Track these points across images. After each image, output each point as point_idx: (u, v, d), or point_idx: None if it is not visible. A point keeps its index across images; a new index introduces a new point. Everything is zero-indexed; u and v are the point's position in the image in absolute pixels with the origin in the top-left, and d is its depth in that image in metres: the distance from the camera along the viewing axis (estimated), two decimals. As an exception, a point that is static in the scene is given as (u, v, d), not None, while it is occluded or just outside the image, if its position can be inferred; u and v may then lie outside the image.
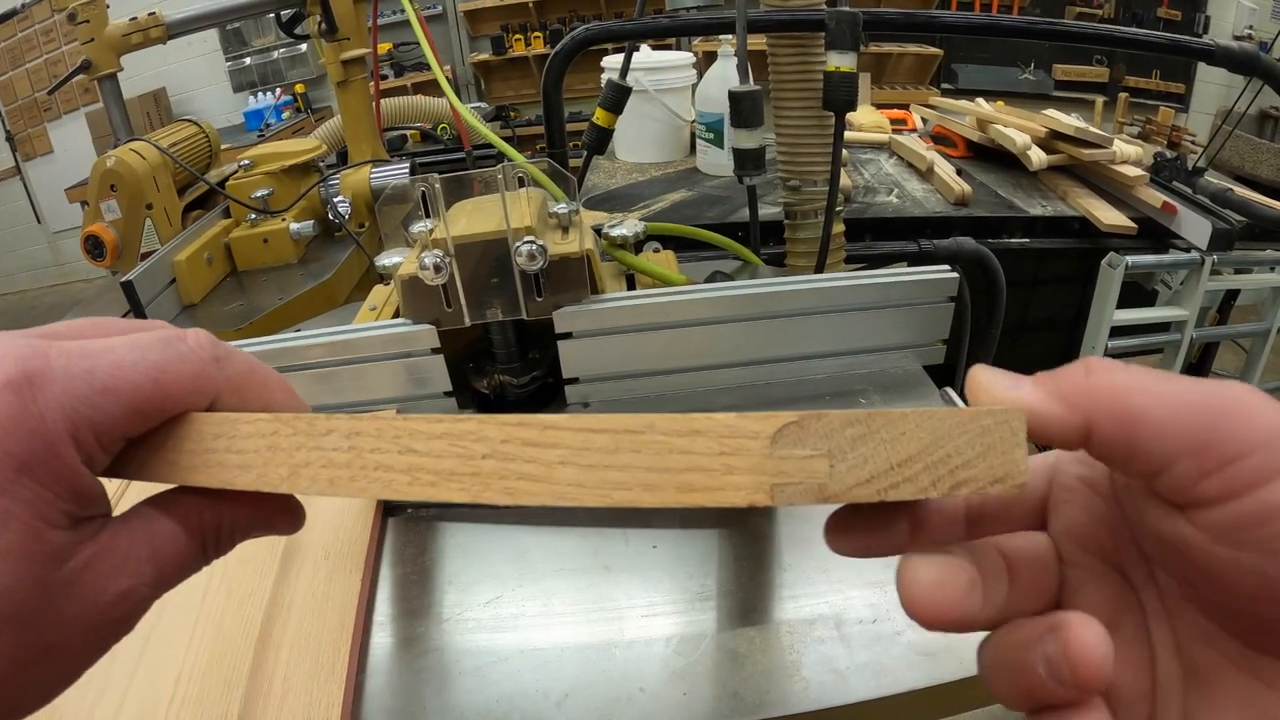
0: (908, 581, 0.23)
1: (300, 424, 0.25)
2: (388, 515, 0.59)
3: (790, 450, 0.21)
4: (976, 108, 1.94)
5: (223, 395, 0.27)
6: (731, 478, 0.22)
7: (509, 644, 0.48)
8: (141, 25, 1.51)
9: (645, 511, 0.58)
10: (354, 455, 0.24)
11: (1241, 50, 1.11)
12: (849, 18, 0.85)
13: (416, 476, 0.24)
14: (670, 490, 0.22)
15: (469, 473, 0.23)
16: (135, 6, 1.56)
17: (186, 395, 0.25)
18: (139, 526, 0.25)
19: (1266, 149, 3.87)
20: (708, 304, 0.67)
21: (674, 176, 1.77)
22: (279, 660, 0.46)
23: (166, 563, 0.25)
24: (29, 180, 5.06)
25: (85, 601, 0.23)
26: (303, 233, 1.37)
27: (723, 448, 0.22)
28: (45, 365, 0.23)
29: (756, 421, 0.22)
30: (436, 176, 0.62)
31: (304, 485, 0.25)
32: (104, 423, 0.23)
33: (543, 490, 0.23)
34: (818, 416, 0.22)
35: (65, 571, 0.23)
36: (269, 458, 0.25)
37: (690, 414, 0.22)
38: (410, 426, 0.24)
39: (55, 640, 0.23)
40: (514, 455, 0.23)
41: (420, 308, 0.65)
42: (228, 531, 0.27)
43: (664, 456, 0.22)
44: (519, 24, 5.06)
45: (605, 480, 0.22)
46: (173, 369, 0.25)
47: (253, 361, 0.28)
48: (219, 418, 0.26)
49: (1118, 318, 1.41)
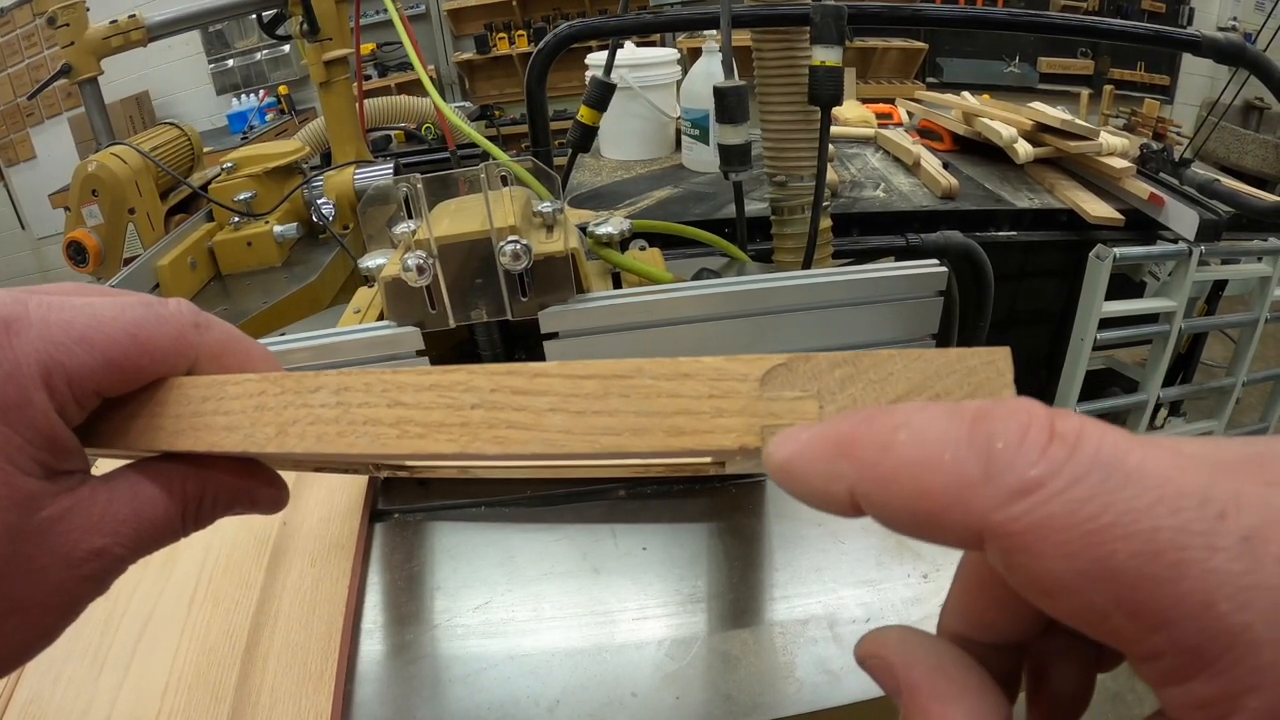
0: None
1: (288, 382, 0.25)
2: (374, 520, 0.59)
3: (779, 392, 0.21)
4: (962, 101, 1.94)
5: (202, 361, 0.27)
6: (721, 420, 0.22)
7: (499, 650, 0.48)
8: (122, 28, 1.49)
9: (634, 507, 0.58)
10: (342, 411, 0.24)
11: (1228, 41, 1.11)
12: (834, 12, 0.84)
13: (405, 429, 0.24)
14: (659, 434, 0.22)
15: (458, 423, 0.23)
16: (116, 9, 1.55)
17: (165, 356, 0.25)
18: (122, 487, 0.25)
19: (1252, 139, 3.90)
20: (695, 302, 0.66)
21: (660, 173, 1.77)
22: (266, 670, 0.45)
23: (145, 526, 0.25)
24: (12, 186, 5.01)
25: (56, 554, 0.23)
26: (286, 235, 1.36)
27: (712, 390, 0.22)
28: (23, 312, 0.23)
29: (745, 364, 0.22)
30: (419, 177, 0.61)
31: (292, 443, 0.24)
32: (78, 372, 0.23)
33: (532, 438, 0.23)
34: (806, 359, 0.21)
35: (36, 520, 0.23)
36: (256, 418, 0.25)
37: (679, 358, 0.22)
38: (399, 379, 0.24)
39: (24, 592, 0.23)
40: (503, 404, 0.23)
41: (404, 310, 0.64)
42: (210, 503, 0.27)
43: (653, 400, 0.22)
44: (502, 22, 5.06)
45: (594, 426, 0.22)
46: (151, 327, 0.25)
47: (233, 330, 0.28)
48: (206, 380, 0.26)
49: (1106, 309, 1.41)
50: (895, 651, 0.21)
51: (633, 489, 0.59)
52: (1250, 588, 0.14)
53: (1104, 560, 0.15)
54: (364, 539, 0.56)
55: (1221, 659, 0.14)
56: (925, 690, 0.20)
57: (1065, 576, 0.15)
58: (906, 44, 4.39)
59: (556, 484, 0.60)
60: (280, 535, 0.55)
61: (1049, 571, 0.15)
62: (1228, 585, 0.14)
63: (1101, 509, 0.15)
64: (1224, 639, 0.14)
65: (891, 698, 0.21)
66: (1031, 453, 0.16)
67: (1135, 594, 0.14)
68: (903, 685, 0.20)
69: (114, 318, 0.24)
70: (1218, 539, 0.14)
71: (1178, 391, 1.62)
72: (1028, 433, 0.16)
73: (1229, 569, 0.14)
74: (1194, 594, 0.14)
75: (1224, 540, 0.14)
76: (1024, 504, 0.15)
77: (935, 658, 0.21)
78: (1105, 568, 0.15)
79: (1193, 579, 0.14)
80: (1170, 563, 0.14)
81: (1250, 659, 0.14)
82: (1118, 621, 0.15)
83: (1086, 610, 0.15)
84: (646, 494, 0.59)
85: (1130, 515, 0.15)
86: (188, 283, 1.26)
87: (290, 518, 0.56)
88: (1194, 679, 0.14)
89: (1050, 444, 0.16)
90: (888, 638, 0.21)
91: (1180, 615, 0.14)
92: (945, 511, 0.16)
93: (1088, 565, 0.15)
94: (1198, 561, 0.14)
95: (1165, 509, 0.14)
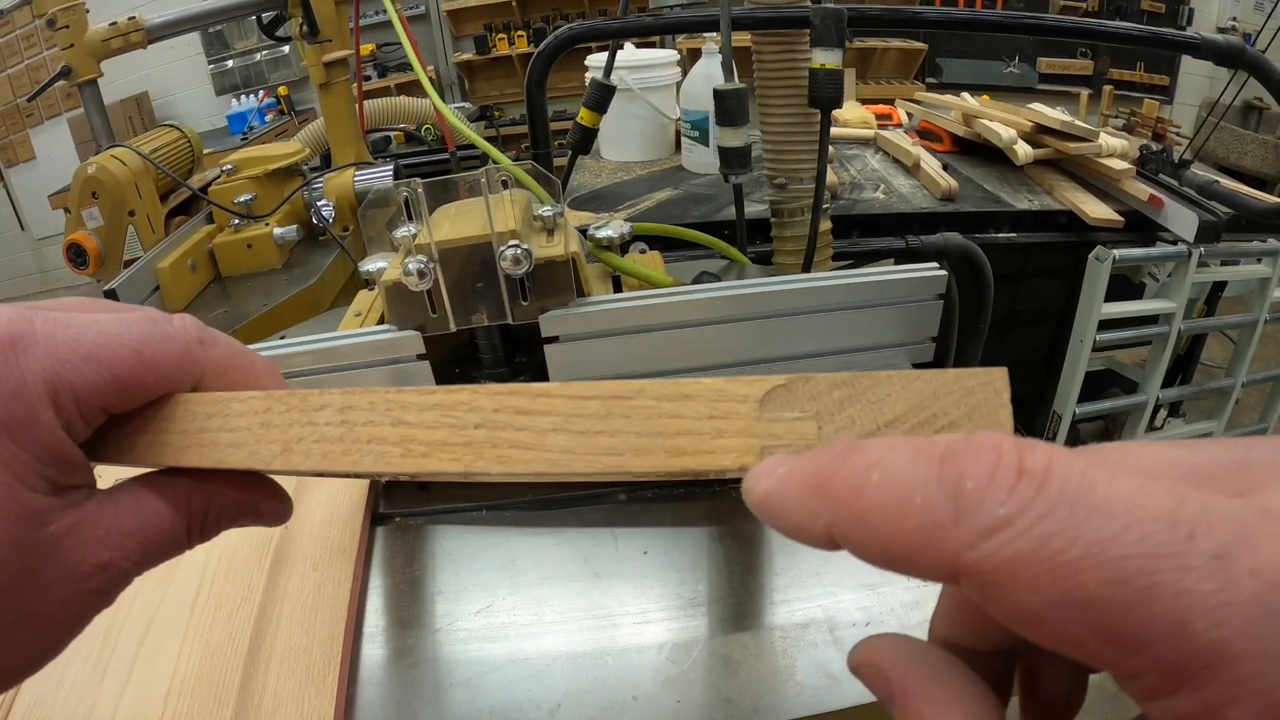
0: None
1: (293, 400, 0.25)
2: (375, 524, 0.59)
3: (779, 413, 0.22)
4: (962, 102, 1.94)
5: (207, 377, 0.27)
6: (721, 441, 0.22)
7: (500, 654, 0.48)
8: (121, 30, 1.49)
9: (634, 511, 0.58)
10: (346, 429, 0.24)
11: (1228, 42, 1.11)
12: (834, 14, 0.85)
13: (409, 448, 0.24)
14: (661, 454, 0.22)
15: (461, 442, 0.23)
16: (116, 10, 1.55)
17: (170, 373, 0.26)
18: (127, 502, 0.25)
19: (1251, 140, 3.90)
20: (695, 305, 0.66)
21: (659, 175, 1.77)
22: (269, 674, 0.45)
23: (151, 540, 0.25)
24: (12, 187, 5.01)
25: (63, 568, 0.23)
26: (286, 237, 1.36)
27: (712, 411, 0.22)
28: (29, 329, 0.23)
29: (745, 385, 0.22)
30: (419, 181, 0.61)
31: (297, 461, 0.25)
32: (85, 390, 0.24)
33: (534, 458, 0.23)
34: (805, 380, 0.22)
35: (43, 536, 0.23)
36: (261, 435, 0.25)
37: (680, 379, 0.22)
38: (403, 399, 0.24)
39: (31, 606, 0.23)
40: (506, 424, 0.23)
41: (405, 313, 0.64)
42: (214, 516, 0.27)
43: (654, 421, 0.22)
44: (502, 23, 5.06)
45: (596, 446, 0.23)
46: (156, 344, 0.25)
47: (239, 346, 0.28)
48: (211, 397, 0.26)
49: (1105, 311, 1.41)
50: (889, 659, 0.21)
51: (633, 493, 0.59)
52: (1224, 604, 0.14)
53: (1074, 592, 0.15)
54: (365, 543, 0.56)
55: (1200, 674, 0.14)
56: (919, 697, 0.20)
57: (1039, 608, 0.15)
58: (906, 44, 4.38)
59: (557, 488, 0.60)
60: (282, 539, 0.55)
61: (1022, 604, 0.16)
62: (1201, 605, 0.14)
63: (1069, 543, 0.15)
64: (1201, 656, 0.14)
65: (886, 705, 0.21)
66: (1000, 491, 0.16)
67: (1108, 620, 0.15)
68: (896, 693, 0.21)
69: (120, 334, 0.25)
70: (1188, 559, 0.14)
71: (1177, 392, 1.62)
72: (996, 471, 0.16)
73: (1201, 588, 0.14)
74: (1167, 615, 0.14)
75: (1195, 560, 0.14)
76: (993, 542, 0.16)
77: (928, 665, 0.21)
78: (1076, 599, 0.15)
79: (1165, 601, 0.14)
80: (1141, 587, 0.14)
81: (1229, 673, 0.14)
82: (1095, 646, 0.15)
83: (1063, 637, 0.16)
84: (647, 498, 0.59)
85: (1098, 545, 0.15)
86: (188, 285, 1.26)
87: (292, 522, 0.56)
88: (1175, 694, 0.15)
89: (1019, 481, 0.16)
90: (881, 645, 0.22)
91: (1155, 637, 0.14)
92: (919, 551, 0.17)
93: (1060, 597, 0.15)
94: (1170, 584, 0.14)
95: (1133, 535, 0.15)
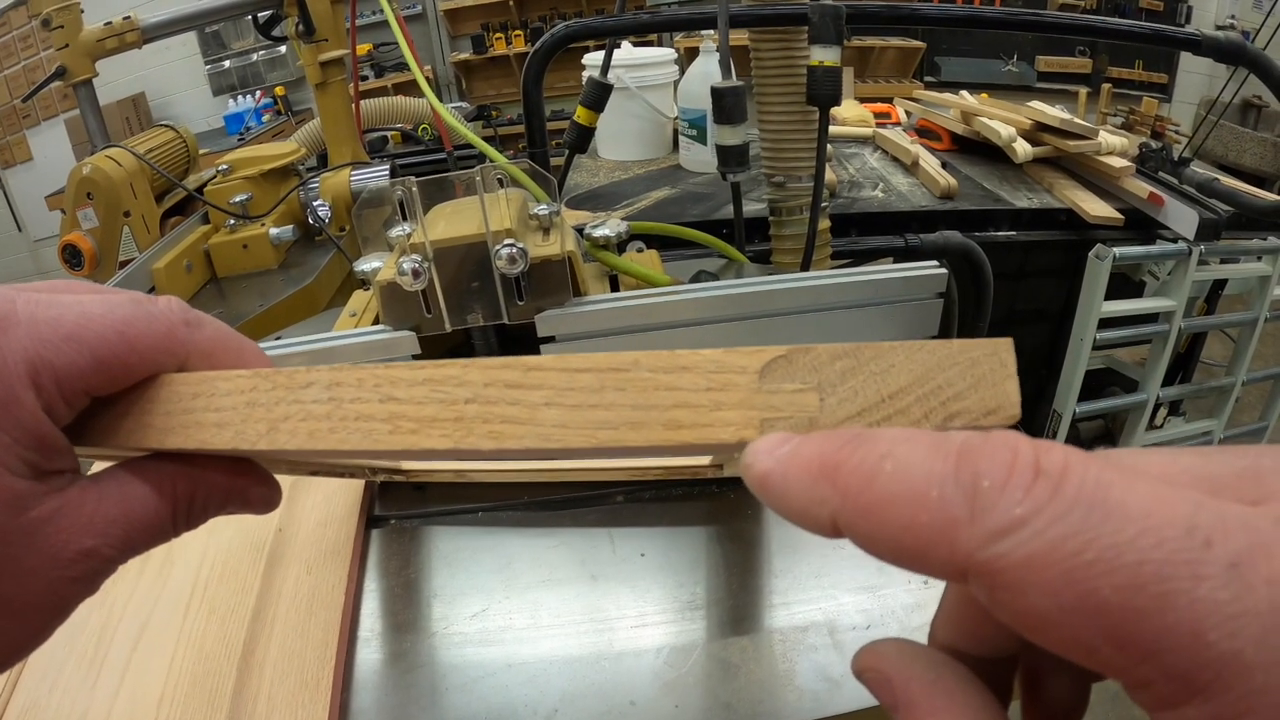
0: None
1: (280, 378, 0.24)
2: (371, 526, 0.58)
3: (779, 384, 0.21)
4: (960, 100, 1.93)
5: (193, 360, 0.26)
6: (720, 413, 0.21)
7: (497, 658, 0.47)
8: (116, 30, 1.48)
9: (632, 512, 0.57)
10: (334, 406, 0.24)
11: (1228, 40, 1.11)
12: (832, 11, 0.84)
13: (398, 425, 0.23)
14: (657, 428, 0.21)
15: (452, 418, 0.23)
16: (111, 10, 1.54)
17: (154, 354, 0.25)
18: (112, 487, 0.25)
19: (1250, 138, 3.90)
20: (693, 305, 0.66)
21: (657, 174, 1.76)
22: (263, 678, 0.45)
23: (136, 527, 0.25)
24: (9, 188, 5.01)
25: (45, 555, 0.23)
26: (282, 238, 1.35)
27: (710, 383, 0.21)
28: (10, 309, 0.23)
29: (744, 356, 0.21)
30: (414, 180, 0.61)
31: (283, 440, 0.24)
32: (66, 371, 0.23)
33: (527, 433, 0.22)
34: (806, 350, 0.21)
35: (24, 521, 0.23)
36: (247, 414, 0.24)
37: (676, 350, 0.22)
38: (391, 374, 0.23)
39: (12, 593, 0.23)
40: (497, 398, 0.22)
41: (400, 313, 0.64)
42: (201, 502, 0.27)
43: (650, 394, 0.22)
44: (499, 22, 5.05)
45: (590, 420, 0.22)
46: (140, 325, 0.25)
47: (225, 328, 0.28)
48: (196, 377, 0.25)
49: (1105, 309, 1.41)
50: (893, 665, 0.21)
51: (631, 494, 0.59)
52: (1239, 615, 0.14)
53: (1088, 596, 0.15)
54: (360, 545, 0.56)
55: (1212, 685, 0.14)
56: (923, 706, 0.20)
57: (1050, 612, 0.15)
58: (904, 43, 4.39)
59: (554, 489, 0.59)
60: (276, 541, 0.54)
61: (1033, 607, 0.15)
62: (1216, 614, 0.14)
63: (1084, 545, 0.15)
64: (1214, 666, 0.14)
65: (889, 711, 0.21)
66: (1016, 491, 0.16)
67: (1121, 627, 0.14)
68: (900, 700, 0.20)
69: (103, 315, 0.24)
70: (1204, 568, 0.14)
71: (1177, 391, 1.62)
72: (1012, 470, 0.16)
73: (1216, 597, 0.14)
74: (1181, 624, 0.14)
75: (1210, 569, 0.14)
76: (1007, 542, 0.15)
77: (933, 672, 0.20)
78: (1089, 603, 0.15)
79: (1180, 609, 0.14)
80: (1155, 594, 0.14)
81: (1241, 684, 0.14)
82: (1106, 653, 0.15)
83: (1074, 643, 0.15)
84: (644, 499, 0.59)
85: (1113, 550, 0.15)
86: (183, 285, 1.25)
87: (286, 524, 0.56)
88: (1186, 705, 0.14)
89: (1035, 482, 0.16)
90: (885, 651, 0.21)
91: (1168, 645, 0.14)
92: (930, 548, 0.16)
93: (1072, 601, 0.15)
94: (1184, 592, 0.14)
95: (1149, 541, 0.14)
